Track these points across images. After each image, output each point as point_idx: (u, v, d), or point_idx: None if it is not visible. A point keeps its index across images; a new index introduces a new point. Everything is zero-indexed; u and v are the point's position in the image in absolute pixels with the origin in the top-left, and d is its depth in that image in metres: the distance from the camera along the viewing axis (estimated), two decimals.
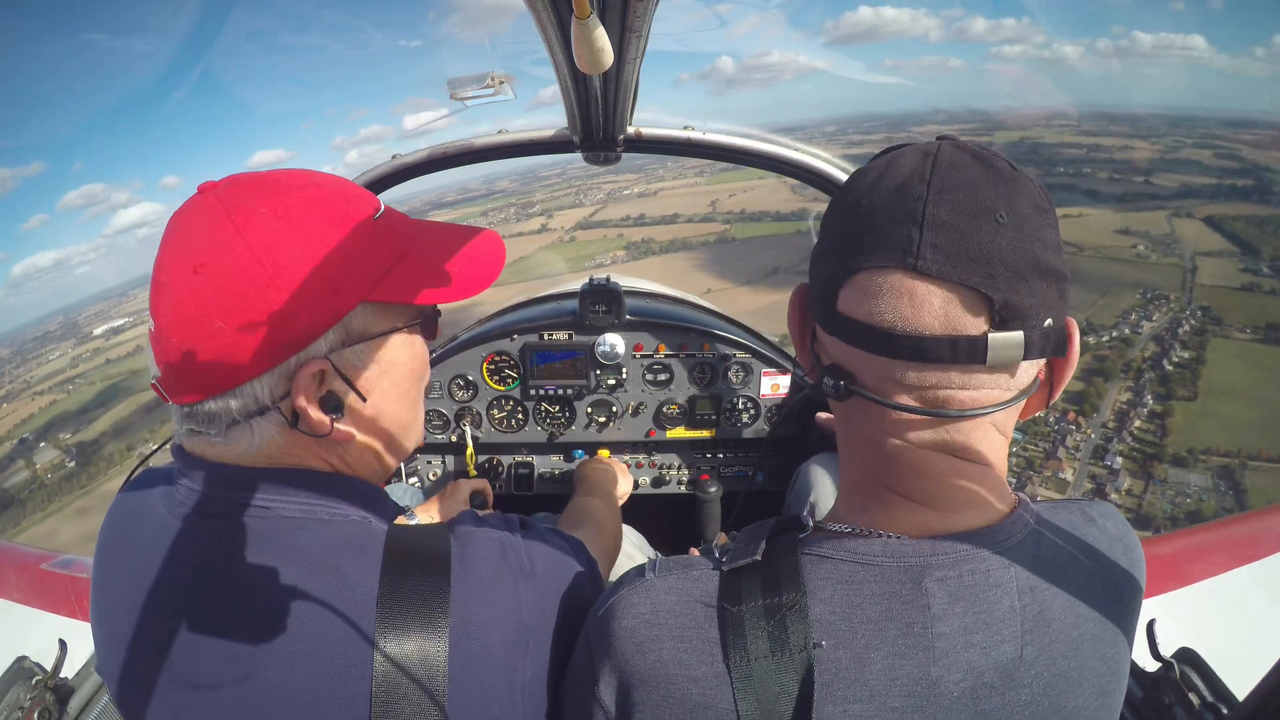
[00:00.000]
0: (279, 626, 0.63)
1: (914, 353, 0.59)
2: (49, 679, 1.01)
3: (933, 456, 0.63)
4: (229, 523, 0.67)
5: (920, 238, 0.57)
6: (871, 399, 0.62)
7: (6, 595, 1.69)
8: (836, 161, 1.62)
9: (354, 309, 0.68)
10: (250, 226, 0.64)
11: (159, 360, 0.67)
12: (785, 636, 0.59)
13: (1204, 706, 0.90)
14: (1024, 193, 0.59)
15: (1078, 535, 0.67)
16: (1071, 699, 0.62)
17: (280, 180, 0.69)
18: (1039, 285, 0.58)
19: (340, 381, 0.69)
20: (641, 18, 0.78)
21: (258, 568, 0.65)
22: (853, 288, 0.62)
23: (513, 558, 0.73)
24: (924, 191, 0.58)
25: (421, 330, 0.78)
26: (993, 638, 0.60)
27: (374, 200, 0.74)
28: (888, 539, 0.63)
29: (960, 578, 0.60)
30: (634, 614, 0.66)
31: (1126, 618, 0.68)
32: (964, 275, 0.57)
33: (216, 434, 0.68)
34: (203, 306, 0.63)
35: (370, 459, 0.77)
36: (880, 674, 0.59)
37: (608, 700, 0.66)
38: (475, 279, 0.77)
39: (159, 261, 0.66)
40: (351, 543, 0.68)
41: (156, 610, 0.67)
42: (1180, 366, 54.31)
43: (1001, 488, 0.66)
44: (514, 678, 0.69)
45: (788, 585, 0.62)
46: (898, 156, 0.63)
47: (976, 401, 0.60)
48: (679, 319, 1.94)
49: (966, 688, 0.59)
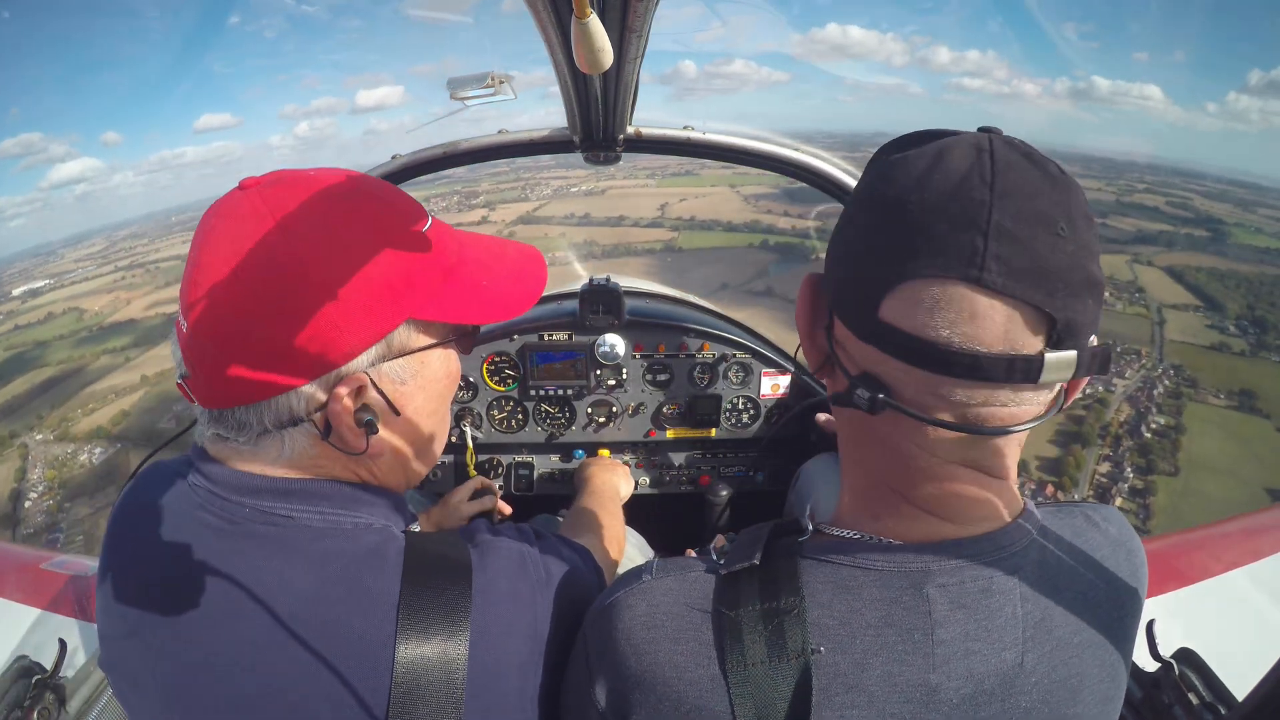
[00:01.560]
0: (299, 635, 0.62)
1: (968, 371, 0.54)
2: (49, 679, 1.01)
3: (960, 471, 0.61)
4: (251, 529, 0.66)
5: (985, 248, 0.52)
6: (911, 414, 0.58)
7: (6, 595, 1.69)
8: (838, 163, 1.62)
9: (398, 327, 0.67)
10: (296, 234, 0.62)
11: (189, 362, 0.65)
12: (783, 642, 0.59)
13: (1203, 706, 0.90)
14: (1078, 201, 0.56)
15: (1080, 541, 0.67)
16: (1072, 706, 0.62)
17: (328, 185, 0.66)
18: (1090, 302, 0.55)
19: (376, 395, 0.68)
20: (641, 18, 0.78)
21: (279, 576, 0.64)
22: (901, 296, 0.56)
23: (531, 569, 0.73)
24: (987, 195, 0.53)
25: (458, 345, 0.77)
26: (993, 645, 0.59)
27: (422, 212, 0.72)
28: (890, 545, 0.62)
29: (962, 584, 0.60)
30: (630, 615, 0.66)
31: (1128, 623, 0.68)
32: (1027, 292, 0.53)
33: (245, 442, 0.67)
34: (242, 314, 0.61)
35: (398, 471, 0.77)
36: (879, 680, 0.58)
37: (603, 701, 0.65)
38: (519, 299, 0.76)
39: (195, 259, 0.63)
40: (374, 552, 0.67)
41: (171, 611, 0.66)
42: (1159, 434, 51.64)
43: (1011, 496, 0.65)
44: (527, 687, 0.69)
45: (786, 590, 0.61)
46: (947, 148, 0.57)
47: (1015, 418, 0.58)
48: (679, 319, 1.94)
49: (966, 694, 0.58)
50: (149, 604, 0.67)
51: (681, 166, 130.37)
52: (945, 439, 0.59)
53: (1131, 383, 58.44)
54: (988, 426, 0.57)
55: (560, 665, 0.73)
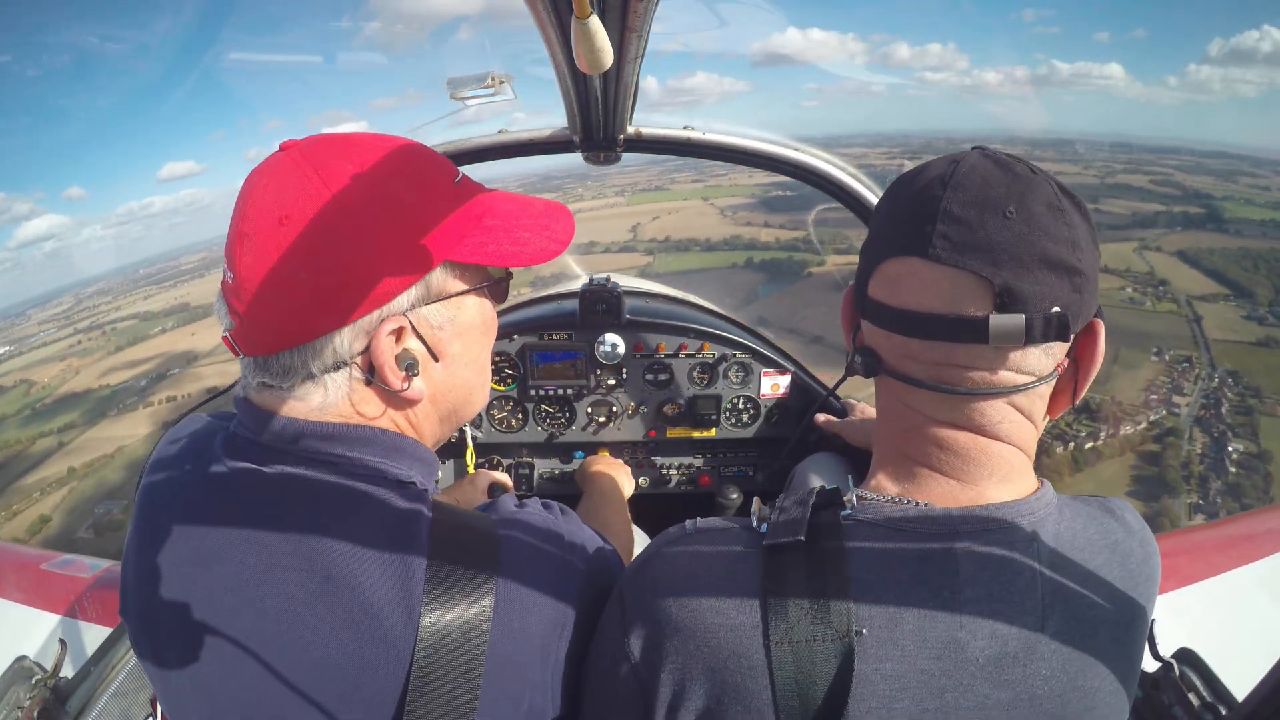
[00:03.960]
0: (330, 590, 0.64)
1: (924, 330, 0.65)
2: (49, 679, 1.02)
3: (952, 432, 0.67)
4: (291, 483, 0.67)
5: (934, 229, 0.64)
6: (890, 374, 0.69)
7: (6, 595, 1.69)
8: (838, 163, 1.62)
9: (435, 268, 0.70)
10: (337, 181, 0.65)
11: (234, 312, 0.67)
12: (828, 621, 0.61)
13: (1203, 707, 0.90)
14: (1038, 192, 0.64)
15: (1097, 524, 0.70)
16: (1089, 679, 0.64)
17: (362, 141, 0.70)
18: (1046, 275, 0.62)
19: (416, 340, 0.71)
20: (641, 18, 0.78)
21: (314, 534, 0.65)
22: (879, 275, 0.69)
23: (555, 541, 0.75)
24: (942, 192, 0.64)
25: (491, 293, 0.80)
26: (1015, 608, 0.62)
27: (451, 167, 0.77)
28: (920, 507, 0.66)
29: (987, 547, 0.63)
30: (674, 563, 0.69)
31: (1141, 608, 0.70)
32: (969, 262, 0.62)
33: (289, 388, 0.68)
34: (287, 257, 0.63)
35: (435, 421, 0.79)
36: (911, 635, 0.61)
37: (637, 653, 0.67)
38: (549, 246, 0.79)
39: (241, 212, 0.66)
40: (407, 517, 0.68)
41: (203, 564, 0.67)
42: (1244, 467, 44.44)
43: (1025, 468, 0.69)
44: (549, 657, 0.70)
45: (832, 571, 0.63)
46: (930, 164, 0.70)
47: (988, 382, 0.65)
48: (679, 319, 1.94)
49: (991, 655, 0.61)
50: (179, 551, 0.68)
51: (651, 182, 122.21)
52: (926, 397, 0.67)
53: (1193, 401, 52.42)
54: (959, 388, 0.65)
55: (583, 638, 0.74)
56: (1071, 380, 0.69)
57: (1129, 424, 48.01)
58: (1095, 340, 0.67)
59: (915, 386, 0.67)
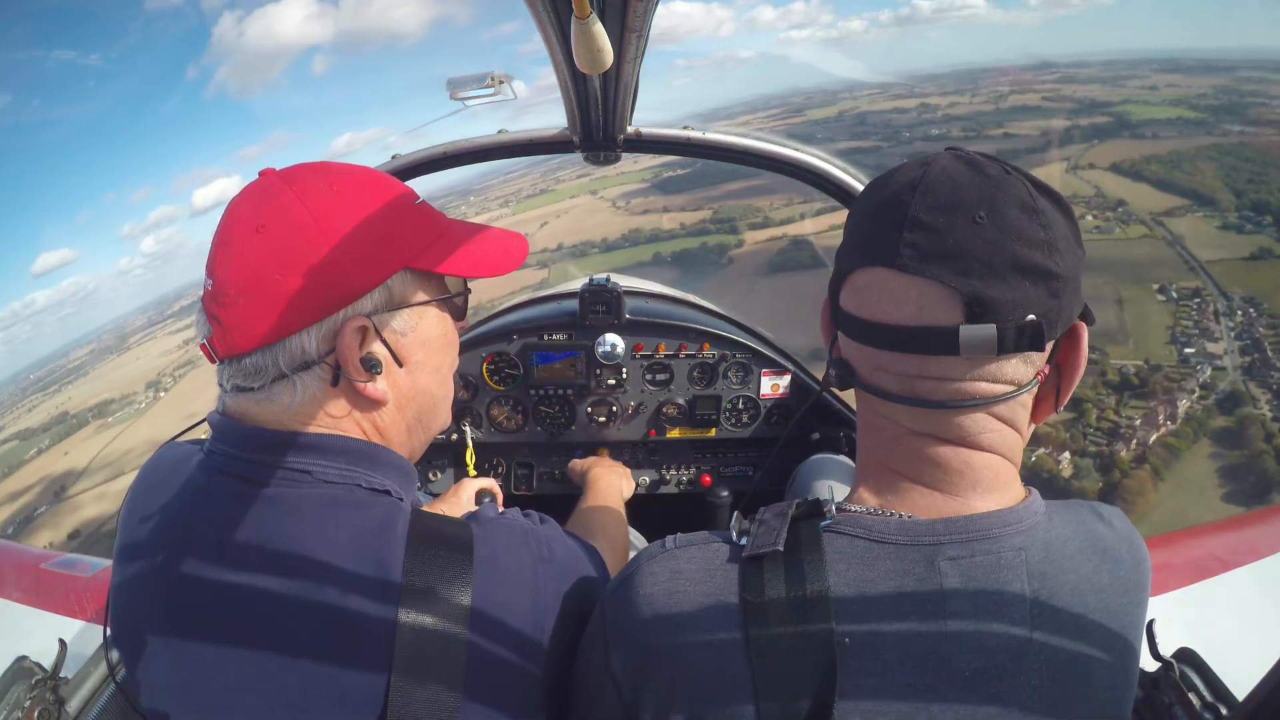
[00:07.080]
0: (308, 597, 0.66)
1: (893, 342, 0.63)
2: (49, 679, 1.01)
3: (932, 444, 0.65)
4: (269, 493, 0.70)
5: (900, 237, 0.61)
6: (864, 388, 0.68)
7: (6, 595, 1.69)
8: (838, 163, 1.61)
9: (397, 273, 0.74)
10: (309, 194, 0.71)
11: (213, 317, 0.71)
12: (809, 631, 0.60)
13: (1204, 707, 0.90)
14: (1010, 193, 0.61)
15: (1086, 531, 0.69)
16: (1082, 688, 0.63)
17: (334, 165, 0.78)
18: (1019, 282, 0.60)
19: (380, 345, 0.74)
20: (641, 18, 0.78)
21: (293, 544, 0.68)
22: (849, 286, 0.68)
23: (533, 545, 0.77)
24: (910, 197, 0.62)
25: (451, 310, 0.84)
26: (1002, 620, 0.61)
27: (414, 193, 0.83)
28: (902, 518, 0.64)
29: (973, 558, 0.61)
30: (653, 582, 0.68)
31: (1133, 613, 0.69)
32: (936, 271, 0.60)
33: (260, 388, 0.71)
34: (262, 260, 0.69)
35: (403, 429, 0.81)
36: (893, 647, 0.60)
37: (620, 673, 0.66)
38: (503, 260, 0.84)
39: (223, 226, 0.73)
40: (383, 525, 0.70)
41: (185, 575, 0.69)
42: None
43: (1010, 477, 0.67)
44: (530, 656, 0.71)
45: (812, 579, 0.62)
46: (901, 168, 0.67)
47: (964, 393, 0.62)
48: (679, 319, 1.94)
49: (978, 668, 0.60)
50: (165, 568, 0.70)
51: (535, 186, 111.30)
52: (902, 410, 0.66)
53: (1228, 345, 42.22)
54: (934, 400, 0.63)
55: (564, 644, 0.74)
56: (1054, 387, 0.67)
57: (1183, 396, 38.63)
58: (1078, 345, 0.66)
59: (888, 400, 0.65)
